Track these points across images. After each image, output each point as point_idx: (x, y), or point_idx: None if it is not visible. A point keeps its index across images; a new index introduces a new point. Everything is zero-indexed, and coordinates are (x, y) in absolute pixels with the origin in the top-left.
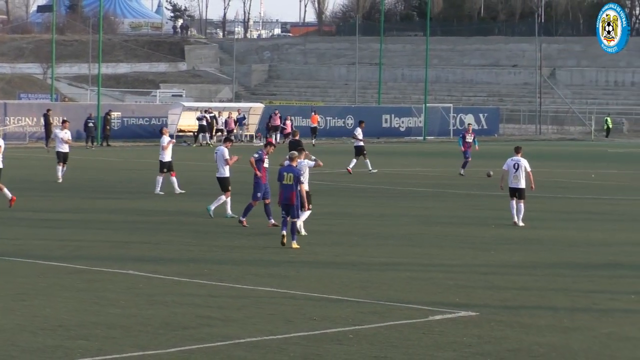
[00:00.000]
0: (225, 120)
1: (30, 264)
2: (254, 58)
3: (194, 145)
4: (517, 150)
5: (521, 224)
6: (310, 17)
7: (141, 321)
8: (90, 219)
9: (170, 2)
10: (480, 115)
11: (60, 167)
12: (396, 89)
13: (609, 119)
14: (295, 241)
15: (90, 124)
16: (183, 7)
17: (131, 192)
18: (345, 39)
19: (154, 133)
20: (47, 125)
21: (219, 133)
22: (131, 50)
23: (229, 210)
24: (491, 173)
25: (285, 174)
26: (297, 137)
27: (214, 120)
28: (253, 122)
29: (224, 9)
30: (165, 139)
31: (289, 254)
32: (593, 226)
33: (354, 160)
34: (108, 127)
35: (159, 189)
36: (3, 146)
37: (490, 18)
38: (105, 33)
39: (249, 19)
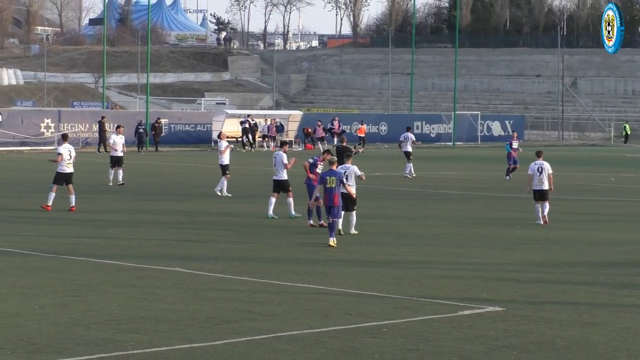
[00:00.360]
0: (268, 126)
1: (84, 262)
2: (293, 68)
3: (244, 150)
4: (538, 155)
5: (547, 219)
6: (346, 29)
7: (188, 315)
8: (139, 220)
9: (214, 16)
10: (506, 122)
11: (112, 171)
12: (427, 97)
13: (627, 125)
14: (333, 239)
15: (141, 130)
16: (226, 20)
17: (178, 194)
18: (379, 50)
19: (199, 138)
20: (102, 131)
21: (266, 138)
22: (177, 61)
23: (292, 211)
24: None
25: (327, 177)
26: (344, 143)
27: (256, 127)
28: (292, 129)
29: (265, 22)
30: (223, 143)
31: (326, 253)
32: (611, 227)
33: (410, 165)
34: (154, 133)
35: (219, 188)
36: (69, 154)
37: (515, 31)
38: (153, 44)
39: (288, 31)
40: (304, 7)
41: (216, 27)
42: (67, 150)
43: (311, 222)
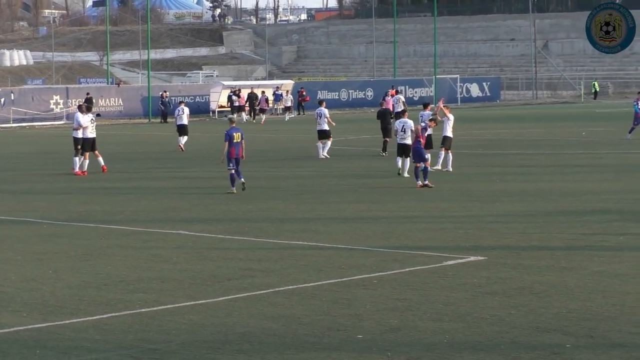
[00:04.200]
0: (290, 98)
1: (93, 228)
2: (284, 40)
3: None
4: (425, 107)
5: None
6: (332, 3)
7: (191, 275)
8: (144, 187)
9: None
10: (484, 84)
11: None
12: (409, 63)
13: (596, 83)
14: (234, 188)
15: (166, 101)
16: None
17: (181, 162)
18: (363, 21)
19: (199, 109)
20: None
21: (289, 109)
22: (176, 38)
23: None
24: None
25: (234, 134)
26: (382, 107)
27: (237, 96)
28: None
29: None
30: (325, 111)
31: (318, 212)
32: (584, 177)
33: None
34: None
35: (320, 153)
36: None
37: None
38: (153, 23)
39: (278, 6)
40: None
41: (211, 5)
42: (89, 119)
43: (420, 182)
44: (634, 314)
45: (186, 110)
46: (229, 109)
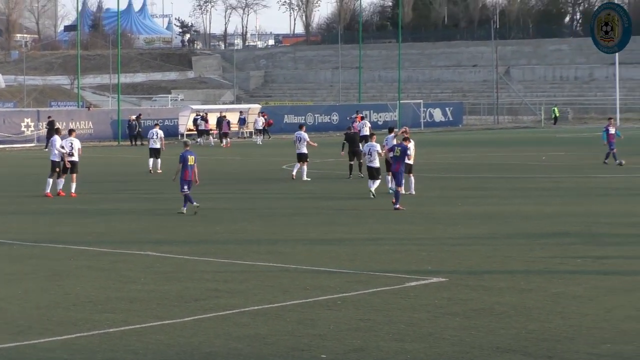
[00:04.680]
0: (262, 120)
1: (62, 249)
2: (252, 65)
3: (197, 142)
4: (390, 131)
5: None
6: (299, 29)
7: (159, 295)
8: (113, 208)
9: (178, 20)
10: (447, 109)
11: (152, 160)
12: (374, 88)
13: (556, 109)
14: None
15: (134, 125)
16: (190, 24)
17: (147, 182)
18: (330, 47)
19: (167, 132)
20: (51, 130)
21: (258, 132)
22: (146, 62)
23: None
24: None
25: (189, 156)
26: (351, 131)
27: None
28: (251, 121)
29: (225, 24)
30: (305, 135)
31: (284, 234)
32: (544, 201)
33: None
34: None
35: (295, 171)
36: (70, 146)
37: (453, 25)
38: (123, 48)
39: (246, 32)
40: (260, 9)
41: (180, 30)
42: (69, 143)
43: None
44: (591, 334)
45: (160, 133)
46: (195, 132)
